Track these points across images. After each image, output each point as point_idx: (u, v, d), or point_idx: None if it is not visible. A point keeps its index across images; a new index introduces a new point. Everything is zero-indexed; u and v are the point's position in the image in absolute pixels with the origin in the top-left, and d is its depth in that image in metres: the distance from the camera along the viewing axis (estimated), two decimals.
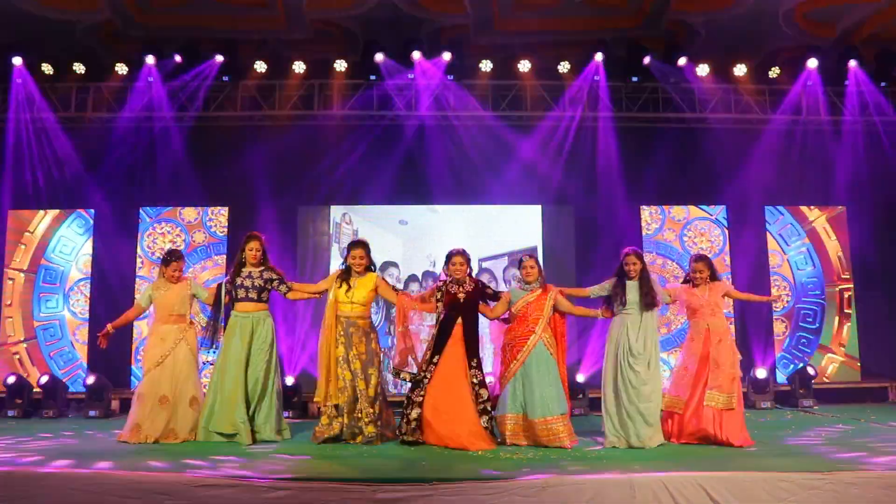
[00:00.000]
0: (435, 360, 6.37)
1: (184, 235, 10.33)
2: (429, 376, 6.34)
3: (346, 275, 6.65)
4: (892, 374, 10.35)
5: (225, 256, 10.21)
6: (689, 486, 4.57)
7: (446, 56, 9.93)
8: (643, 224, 10.56)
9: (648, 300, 6.35)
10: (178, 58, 9.92)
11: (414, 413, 6.29)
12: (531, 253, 7.94)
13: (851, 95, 10.44)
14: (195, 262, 10.20)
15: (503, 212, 10.45)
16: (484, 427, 6.23)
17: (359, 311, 6.57)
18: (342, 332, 6.49)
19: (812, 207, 10.72)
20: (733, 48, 10.23)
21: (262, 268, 6.86)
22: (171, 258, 6.87)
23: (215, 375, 6.65)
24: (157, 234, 10.33)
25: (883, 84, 10.35)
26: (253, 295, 6.75)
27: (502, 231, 10.38)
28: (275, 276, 6.86)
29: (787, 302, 10.48)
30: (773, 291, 10.32)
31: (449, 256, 6.63)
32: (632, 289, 6.41)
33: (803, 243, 10.65)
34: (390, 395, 7.57)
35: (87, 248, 10.28)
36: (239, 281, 6.78)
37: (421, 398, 6.30)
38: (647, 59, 10.03)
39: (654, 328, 6.41)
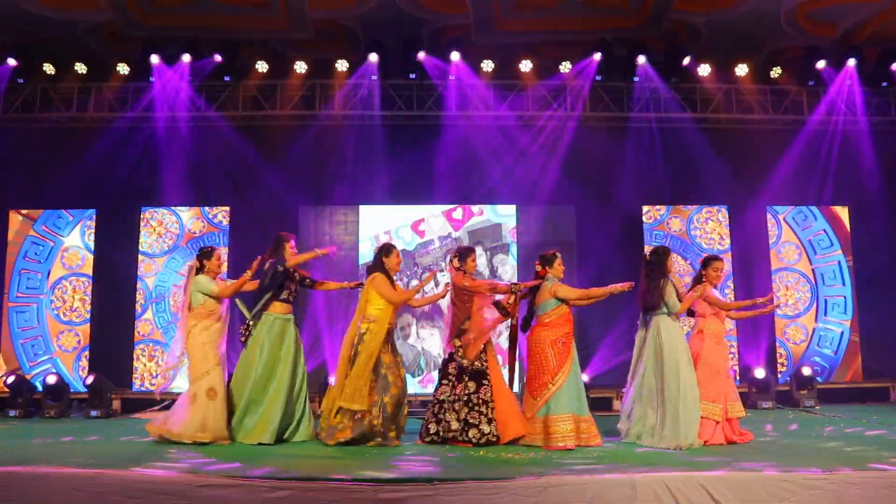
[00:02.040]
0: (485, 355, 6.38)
1: (179, 231, 10.33)
2: (489, 372, 6.34)
3: (390, 279, 6.49)
4: (893, 373, 10.33)
5: (227, 251, 10.21)
6: (691, 486, 4.57)
7: (454, 56, 9.96)
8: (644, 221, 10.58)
9: None
10: (186, 58, 9.93)
11: (489, 412, 6.19)
12: None
13: (853, 94, 10.43)
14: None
15: (508, 210, 10.44)
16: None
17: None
18: (389, 339, 6.41)
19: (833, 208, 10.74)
20: (735, 48, 10.22)
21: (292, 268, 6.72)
22: (214, 250, 6.69)
23: (270, 383, 6.47)
24: (154, 231, 10.33)
25: (884, 84, 10.34)
26: (293, 297, 6.68)
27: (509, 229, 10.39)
28: (305, 275, 6.83)
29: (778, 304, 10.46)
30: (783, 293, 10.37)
31: (469, 251, 6.58)
32: None
33: (834, 255, 10.67)
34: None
35: (70, 241, 10.28)
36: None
37: (489, 396, 6.22)
38: (641, 59, 10.03)
39: None
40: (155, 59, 9.91)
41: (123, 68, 10.12)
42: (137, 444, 6.38)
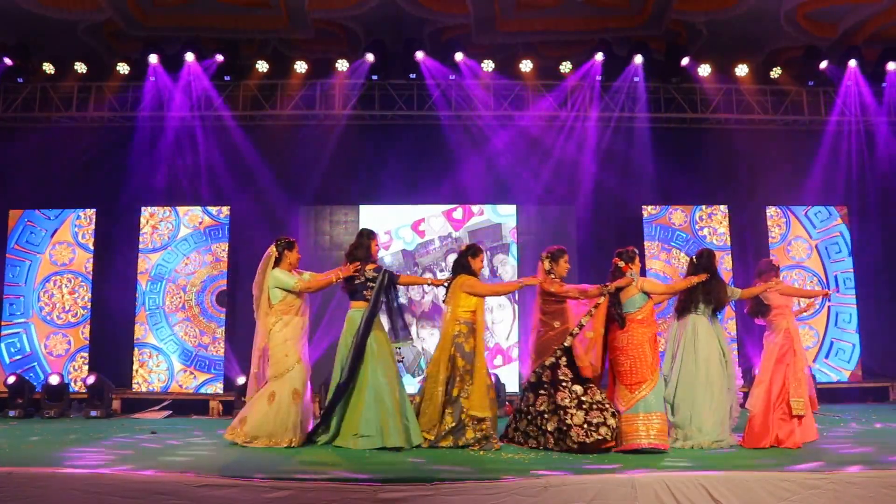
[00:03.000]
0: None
1: (174, 229, 10.32)
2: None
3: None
4: (893, 373, 10.33)
5: (227, 250, 10.19)
6: (691, 485, 4.57)
7: (458, 56, 9.97)
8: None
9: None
10: (189, 57, 9.92)
11: (611, 420, 5.92)
12: None
13: (853, 95, 10.43)
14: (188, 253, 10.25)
15: (508, 210, 10.44)
16: None
17: None
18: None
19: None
20: (735, 48, 10.22)
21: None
22: (295, 242, 6.51)
23: (393, 383, 6.22)
24: (154, 230, 10.30)
25: (884, 84, 10.34)
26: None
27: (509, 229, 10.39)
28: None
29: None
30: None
31: (562, 252, 6.43)
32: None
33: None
34: None
35: (59, 237, 10.24)
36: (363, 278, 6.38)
37: (602, 397, 6.05)
38: (638, 59, 10.00)
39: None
40: (154, 58, 9.90)
41: (123, 68, 10.11)
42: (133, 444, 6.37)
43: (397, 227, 10.38)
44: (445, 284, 6.45)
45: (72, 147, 10.34)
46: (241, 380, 9.34)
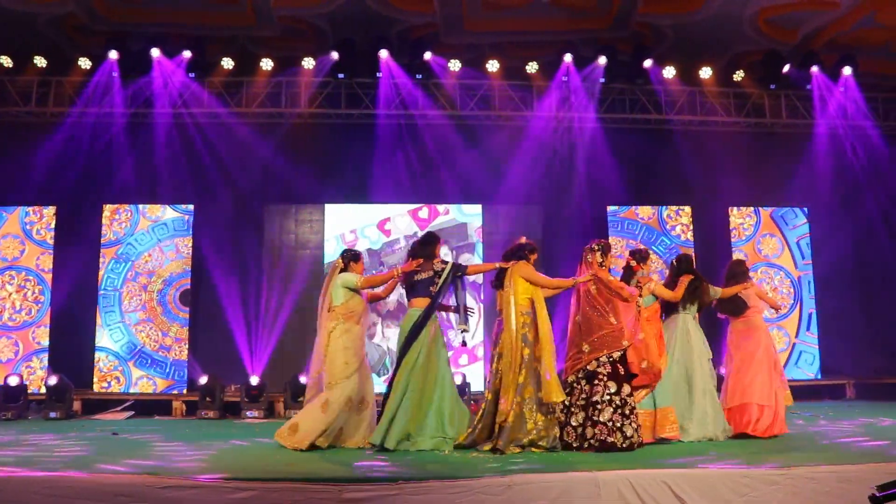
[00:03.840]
0: None
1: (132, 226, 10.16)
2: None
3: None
4: (849, 371, 10.56)
5: (191, 248, 10.06)
6: (654, 483, 4.62)
7: (426, 55, 9.99)
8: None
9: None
10: (155, 52, 9.81)
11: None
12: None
13: (814, 100, 10.67)
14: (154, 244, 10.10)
15: (474, 210, 10.46)
16: None
17: None
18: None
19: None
20: (699, 51, 10.37)
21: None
22: (360, 255, 6.45)
23: (447, 381, 6.11)
24: (114, 228, 10.13)
25: (841, 89, 10.56)
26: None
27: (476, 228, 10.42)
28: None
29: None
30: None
31: (609, 245, 6.39)
32: None
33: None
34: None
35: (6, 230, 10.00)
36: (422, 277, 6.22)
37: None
38: (602, 60, 10.13)
39: None
40: (114, 54, 9.77)
41: (85, 63, 9.94)
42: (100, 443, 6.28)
43: (363, 226, 10.36)
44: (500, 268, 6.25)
45: (31, 143, 10.12)
46: (203, 380, 9.27)
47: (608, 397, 5.80)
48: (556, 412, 5.88)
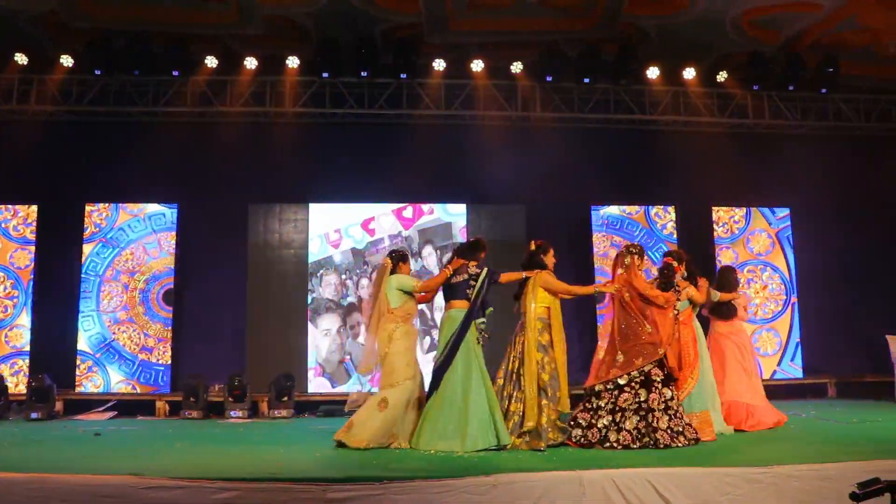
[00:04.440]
0: None
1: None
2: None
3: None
4: (831, 370, 10.65)
5: (175, 247, 10.00)
6: (638, 482, 4.65)
7: (407, 55, 9.97)
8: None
9: None
10: (137, 49, 9.71)
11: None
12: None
13: (795, 100, 10.78)
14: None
15: (458, 209, 10.46)
16: None
17: None
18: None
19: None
20: (683, 52, 10.42)
21: None
22: (408, 255, 6.54)
23: (487, 384, 6.09)
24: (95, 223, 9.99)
25: (823, 91, 10.65)
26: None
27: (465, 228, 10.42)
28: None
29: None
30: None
31: (643, 249, 6.63)
32: None
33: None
34: None
35: None
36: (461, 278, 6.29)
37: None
38: (587, 61, 10.17)
39: None
40: (98, 52, 9.66)
41: (67, 60, 9.83)
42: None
43: (347, 225, 10.31)
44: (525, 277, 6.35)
45: (12, 141, 10.02)
46: (186, 379, 9.20)
47: (636, 405, 5.95)
48: (574, 414, 6.10)
